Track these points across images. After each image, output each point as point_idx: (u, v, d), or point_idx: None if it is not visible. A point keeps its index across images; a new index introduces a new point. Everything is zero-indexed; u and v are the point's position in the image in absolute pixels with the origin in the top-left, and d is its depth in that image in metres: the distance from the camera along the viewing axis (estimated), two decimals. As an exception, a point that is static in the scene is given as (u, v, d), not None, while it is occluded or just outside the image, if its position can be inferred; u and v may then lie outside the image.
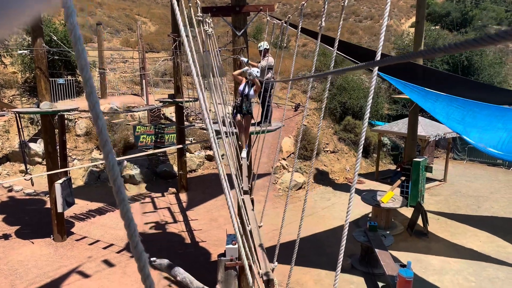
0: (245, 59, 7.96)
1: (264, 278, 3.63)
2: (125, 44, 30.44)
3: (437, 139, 17.24)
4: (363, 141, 2.17)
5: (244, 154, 7.33)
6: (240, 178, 6.13)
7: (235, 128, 7.56)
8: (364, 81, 22.61)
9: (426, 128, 16.57)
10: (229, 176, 4.46)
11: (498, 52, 27.14)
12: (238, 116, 7.46)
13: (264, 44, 8.06)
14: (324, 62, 23.45)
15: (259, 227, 5.13)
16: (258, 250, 4.20)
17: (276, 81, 6.89)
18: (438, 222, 13.33)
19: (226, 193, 2.50)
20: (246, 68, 7.43)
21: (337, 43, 3.21)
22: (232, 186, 4.48)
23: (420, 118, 15.76)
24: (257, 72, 7.33)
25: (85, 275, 9.91)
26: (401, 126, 17.50)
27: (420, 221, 12.42)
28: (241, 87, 7.44)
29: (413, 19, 27.57)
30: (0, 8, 0.39)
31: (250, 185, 6.70)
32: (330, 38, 8.21)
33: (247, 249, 3.59)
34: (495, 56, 24.72)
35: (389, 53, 25.65)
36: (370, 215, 13.31)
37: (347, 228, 2.21)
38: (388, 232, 11.35)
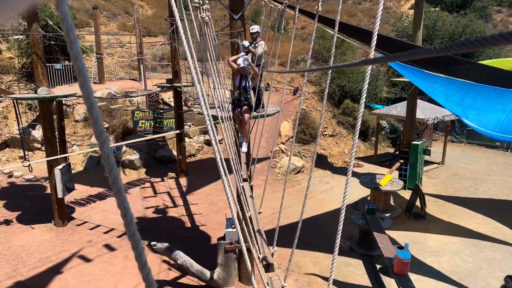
0: (246, 43, 7.88)
1: (264, 262, 3.68)
2: (122, 28, 30.15)
3: (435, 122, 17.23)
4: (359, 124, 2.18)
5: (244, 149, 7.09)
6: (239, 164, 6.15)
7: (234, 122, 7.26)
8: (363, 64, 22.45)
9: (424, 111, 16.56)
10: (227, 161, 4.48)
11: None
12: (237, 110, 7.11)
13: (256, 28, 7.96)
14: (324, 45, 23.29)
15: (259, 213, 5.16)
16: (257, 235, 4.25)
17: (275, 71, 6.78)
18: (435, 205, 13.45)
19: (223, 179, 2.52)
20: (243, 54, 7.18)
21: (337, 27, 3.19)
22: (230, 171, 4.51)
23: (419, 101, 15.74)
24: (246, 59, 6.95)
25: (87, 259, 10.03)
26: (399, 109, 17.48)
27: (418, 204, 12.53)
28: (237, 80, 7.12)
29: (413, 0, 27.27)
30: None
31: (249, 173, 6.72)
32: (329, 19, 8.14)
33: (246, 233, 3.64)
34: (494, 38, 24.54)
35: (387, 34, 25.42)
36: (368, 198, 13.40)
37: (344, 210, 2.23)
38: (386, 214, 11.45)
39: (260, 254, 3.85)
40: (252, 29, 7.93)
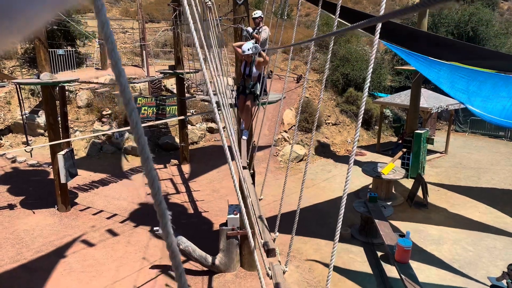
0: (250, 29, 7.79)
1: (265, 248, 3.70)
2: (124, 14, 29.95)
3: (439, 111, 17.16)
4: (362, 112, 2.16)
5: (246, 136, 6.99)
6: (239, 153, 6.14)
7: (237, 109, 7.08)
8: (367, 52, 22.30)
9: (428, 100, 16.47)
10: (230, 148, 4.48)
11: (504, 23, 26.62)
12: (241, 98, 6.91)
13: (259, 13, 7.83)
14: (328, 32, 23.06)
15: (260, 199, 5.18)
16: (258, 221, 4.27)
17: (279, 47, 6.61)
18: (438, 194, 13.45)
19: (230, 164, 2.52)
20: (252, 41, 6.97)
21: (338, 10, 3.15)
22: (233, 158, 4.51)
23: (423, 90, 15.65)
24: (256, 46, 6.82)
25: (90, 244, 10.12)
26: (403, 98, 17.38)
27: (420, 193, 12.54)
28: (242, 67, 6.89)
29: (419, -13, 26.86)
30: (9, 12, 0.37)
31: (248, 161, 6.71)
32: (332, 4, 8.04)
33: (251, 218, 3.65)
34: (500, 26, 24.28)
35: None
36: (370, 186, 13.42)
37: (346, 198, 2.23)
38: (388, 203, 11.48)
39: (261, 239, 3.87)
40: (254, 14, 7.81)
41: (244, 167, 5.84)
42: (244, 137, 6.98)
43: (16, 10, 0.37)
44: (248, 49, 6.37)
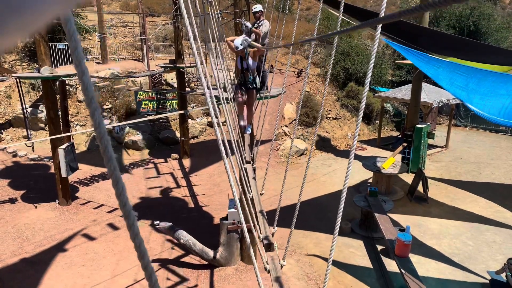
0: (249, 24, 7.75)
1: (265, 242, 3.71)
2: (125, 8, 29.84)
3: (440, 105, 17.13)
4: (363, 107, 2.16)
5: (248, 131, 6.92)
6: (243, 146, 6.12)
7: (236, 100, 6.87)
8: (368, 46, 22.24)
9: (429, 95, 16.44)
10: (230, 142, 4.48)
11: (506, 17, 26.49)
12: (240, 94, 6.70)
13: (259, 7, 7.77)
14: (328, 26, 23.01)
15: (261, 194, 5.18)
16: (258, 215, 4.28)
17: (280, 46, 6.59)
18: (438, 188, 13.47)
19: (224, 160, 2.52)
20: (243, 35, 6.89)
21: (342, 6, 3.14)
22: (233, 153, 4.51)
23: (424, 84, 15.60)
24: (246, 39, 6.49)
25: (91, 238, 10.16)
26: (404, 92, 17.35)
27: (420, 187, 12.55)
28: (238, 62, 6.73)
29: (421, -19, 26.77)
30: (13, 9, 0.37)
31: (252, 155, 6.71)
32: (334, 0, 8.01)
33: (247, 214, 3.66)
34: (502, 21, 24.16)
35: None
36: (370, 180, 13.43)
37: (346, 192, 2.24)
38: (388, 197, 11.49)
39: (260, 234, 3.89)
40: (254, 8, 7.75)
41: (247, 161, 5.84)
42: (247, 133, 6.93)
43: (24, 6, 0.37)
44: (240, 44, 6.30)
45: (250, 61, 6.51)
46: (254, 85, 6.65)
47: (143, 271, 0.77)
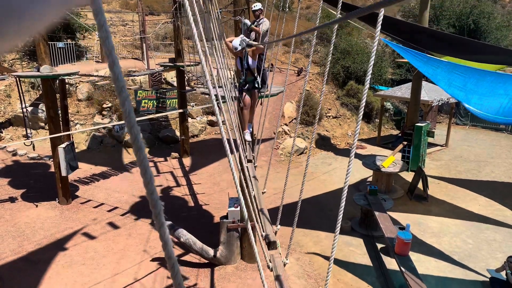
0: (248, 22, 7.73)
1: (267, 240, 3.71)
2: (124, 7, 29.80)
3: (440, 104, 17.12)
4: (363, 105, 2.16)
5: (248, 136, 6.82)
6: (244, 146, 6.12)
7: (240, 104, 6.84)
8: (368, 44, 22.23)
9: (429, 93, 16.44)
10: (233, 141, 4.47)
11: (506, 15, 26.48)
12: (244, 94, 6.62)
13: (258, 5, 7.75)
14: (328, 26, 22.95)
15: (263, 193, 5.18)
16: (261, 214, 4.28)
17: (280, 40, 6.54)
18: (438, 187, 13.47)
19: (229, 157, 2.52)
20: (241, 36, 6.85)
21: (340, 5, 3.13)
22: (236, 151, 4.50)
23: (424, 83, 15.60)
24: (244, 39, 6.48)
25: (91, 237, 10.16)
26: (404, 91, 17.35)
27: (420, 186, 12.55)
28: (237, 63, 6.68)
29: (420, -20, 26.69)
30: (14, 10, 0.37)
31: (253, 154, 6.70)
32: (333, -2, 7.98)
33: (250, 212, 3.66)
34: (502, 19, 24.14)
35: (394, 15, 25.04)
36: (370, 179, 13.44)
37: (346, 190, 2.24)
38: (388, 196, 11.50)
39: (263, 232, 3.88)
40: (254, 6, 7.73)
41: (249, 161, 5.84)
42: (246, 138, 6.87)
43: (23, 10, 0.37)
44: (239, 45, 6.26)
45: (250, 60, 6.45)
46: (256, 85, 6.59)
47: (167, 260, 0.79)
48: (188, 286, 8.29)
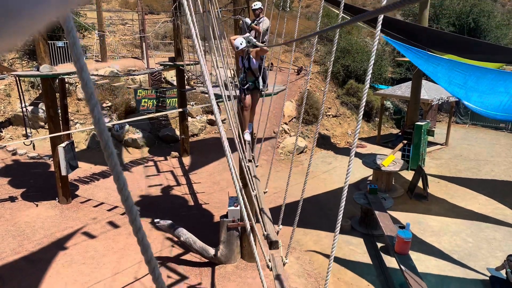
0: (249, 21, 7.73)
1: (269, 240, 3.70)
2: (124, 6, 29.78)
3: (440, 102, 17.11)
4: (364, 104, 2.15)
5: (247, 136, 6.78)
6: (244, 146, 6.10)
7: (240, 104, 6.79)
8: (368, 43, 22.22)
9: (429, 92, 16.43)
10: (231, 140, 4.47)
11: (506, 14, 26.46)
12: (244, 95, 6.58)
13: (258, 4, 7.74)
14: (328, 24, 22.98)
15: (264, 192, 5.17)
16: (262, 213, 4.28)
17: (282, 44, 6.52)
18: (438, 185, 13.48)
19: (227, 156, 2.52)
20: (247, 34, 6.83)
21: (342, 5, 3.13)
22: (234, 150, 4.50)
23: (424, 82, 15.60)
24: (250, 39, 6.42)
25: (91, 236, 10.17)
26: (404, 89, 17.34)
27: (420, 184, 12.56)
28: (240, 62, 6.60)
29: (420, -22, 26.54)
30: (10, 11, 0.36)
31: (253, 154, 6.70)
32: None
33: (249, 211, 3.66)
34: (502, 17, 24.13)
35: (394, 15, 25.04)
36: (370, 178, 13.44)
37: (347, 189, 2.24)
38: (388, 195, 11.50)
39: (264, 232, 3.88)
40: (254, 5, 7.72)
41: (249, 160, 5.83)
42: (246, 138, 6.84)
43: (21, 10, 0.36)
44: (241, 43, 6.20)
45: (253, 61, 6.38)
46: (257, 85, 6.52)
47: (147, 265, 0.77)
48: (188, 285, 8.30)
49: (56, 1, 0.40)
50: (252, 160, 6.12)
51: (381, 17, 2.17)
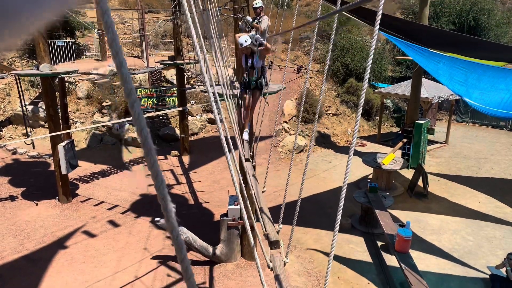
0: (250, 18, 7.72)
1: (269, 239, 3.70)
2: (124, 4, 29.72)
3: (440, 101, 17.10)
4: (362, 102, 2.15)
5: (246, 136, 6.73)
6: (242, 144, 6.09)
7: (240, 102, 6.75)
8: (368, 42, 22.18)
9: (429, 90, 16.42)
10: (231, 138, 4.46)
11: (506, 12, 26.42)
12: (245, 93, 6.54)
13: (260, 2, 7.74)
14: (328, 22, 22.93)
15: (263, 191, 5.16)
16: (261, 212, 4.28)
17: (279, 33, 6.42)
18: (438, 184, 13.48)
19: (227, 156, 2.52)
20: (253, 33, 6.78)
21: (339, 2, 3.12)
22: (234, 148, 4.49)
23: (424, 80, 15.59)
24: (257, 38, 6.30)
25: (91, 235, 10.17)
26: (404, 88, 17.32)
27: (420, 183, 12.55)
28: (243, 61, 6.51)
29: (420, -24, 26.59)
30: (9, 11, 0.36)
31: (251, 153, 6.68)
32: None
33: (249, 210, 3.66)
34: (502, 16, 24.10)
35: (394, 13, 25.02)
36: (370, 176, 13.44)
37: (346, 188, 2.23)
38: (388, 193, 11.50)
39: (265, 231, 3.88)
40: (256, 3, 7.72)
41: (246, 159, 5.82)
42: (244, 138, 6.81)
43: (19, 10, 0.36)
44: (246, 41, 6.17)
45: (256, 60, 6.32)
46: (259, 85, 6.47)
47: (179, 263, 0.78)
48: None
49: (56, 1, 0.40)
50: (250, 159, 6.11)
51: (380, 11, 2.16)
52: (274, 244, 3.57)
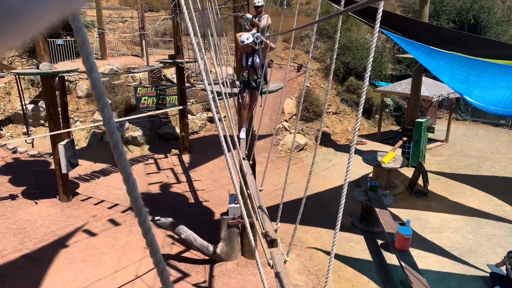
0: (250, 16, 7.73)
1: (268, 238, 3.70)
2: (123, 3, 29.68)
3: (440, 99, 17.10)
4: (363, 102, 2.15)
5: (242, 135, 6.66)
6: (239, 143, 6.09)
7: (239, 101, 6.74)
8: (368, 40, 22.16)
9: (429, 89, 16.41)
10: (230, 137, 4.46)
11: (506, 10, 26.39)
12: (245, 93, 6.52)
13: (261, 1, 7.75)
14: (328, 21, 22.90)
15: (260, 190, 5.16)
16: (259, 211, 4.28)
17: (280, 33, 6.43)
18: (438, 182, 13.48)
19: (226, 155, 2.52)
20: (254, 32, 6.74)
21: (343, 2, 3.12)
22: (233, 147, 4.49)
23: (424, 78, 15.58)
24: (258, 36, 6.28)
25: (92, 234, 10.18)
26: (404, 86, 17.32)
27: (420, 181, 12.56)
28: (243, 59, 6.47)
29: (420, -25, 26.54)
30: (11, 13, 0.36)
31: (246, 152, 6.68)
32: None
33: (248, 208, 3.66)
34: (503, 14, 24.07)
35: (393, 11, 24.97)
36: (371, 175, 13.44)
37: (347, 186, 2.23)
38: (388, 191, 11.50)
39: (263, 229, 3.88)
40: (257, 2, 7.73)
41: (243, 158, 5.82)
42: (241, 137, 6.76)
43: (22, 11, 0.36)
44: (247, 38, 6.15)
45: (257, 59, 6.29)
46: (257, 84, 6.42)
47: (155, 267, 0.77)
48: (190, 283, 8.31)
49: (58, 2, 0.40)
50: (245, 158, 6.11)
51: (380, 10, 2.16)
52: (273, 243, 3.57)
